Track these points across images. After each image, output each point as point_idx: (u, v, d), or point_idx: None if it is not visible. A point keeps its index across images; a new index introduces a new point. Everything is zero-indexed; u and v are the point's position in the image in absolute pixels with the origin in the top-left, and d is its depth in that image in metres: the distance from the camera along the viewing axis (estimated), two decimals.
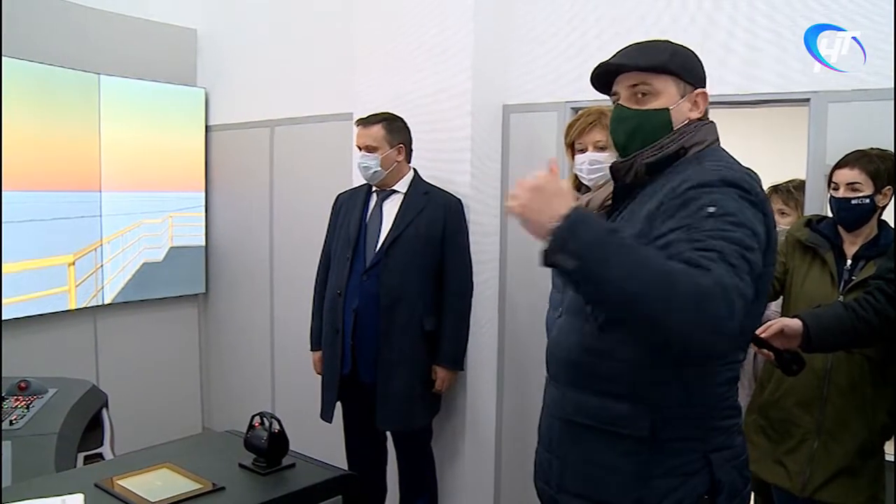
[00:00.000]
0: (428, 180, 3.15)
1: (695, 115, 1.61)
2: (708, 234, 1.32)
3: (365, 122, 3.07)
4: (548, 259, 1.32)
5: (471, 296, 3.15)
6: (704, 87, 1.63)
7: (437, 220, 3.04)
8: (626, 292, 1.24)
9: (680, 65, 1.60)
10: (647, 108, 1.60)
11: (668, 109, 1.59)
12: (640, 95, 1.61)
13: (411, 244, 3.00)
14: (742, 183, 1.42)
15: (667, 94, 1.59)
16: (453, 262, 3.07)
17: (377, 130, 3.04)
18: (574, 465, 1.61)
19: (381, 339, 2.98)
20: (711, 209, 1.36)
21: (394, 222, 3.03)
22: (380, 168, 3.03)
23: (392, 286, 2.97)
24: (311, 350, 3.29)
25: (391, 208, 3.07)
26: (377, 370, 2.98)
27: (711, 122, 1.64)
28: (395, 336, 2.98)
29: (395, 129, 3.07)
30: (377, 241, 3.03)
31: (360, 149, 3.06)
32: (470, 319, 3.15)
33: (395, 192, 3.09)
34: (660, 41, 1.65)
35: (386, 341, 2.98)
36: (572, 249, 1.29)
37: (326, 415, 3.13)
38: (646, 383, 1.50)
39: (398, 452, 3.26)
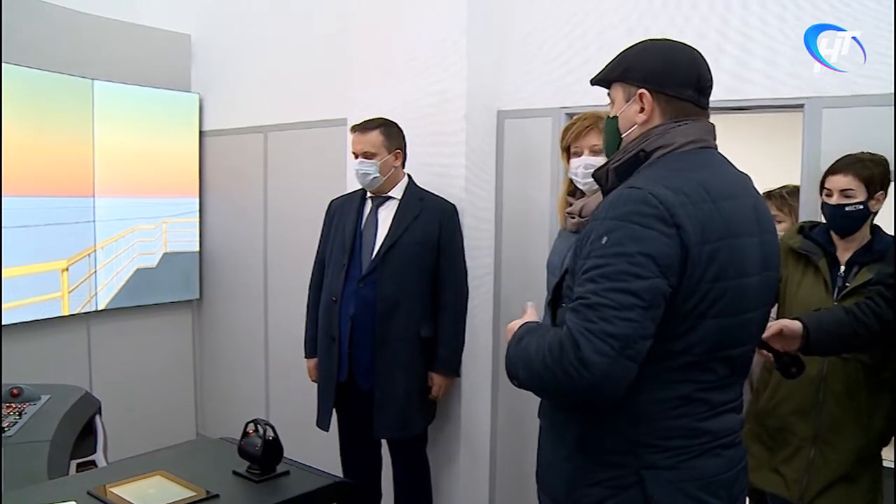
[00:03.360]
0: (422, 186, 3.14)
1: (642, 117, 1.55)
2: (589, 274, 1.40)
3: (362, 128, 3.05)
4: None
5: (466, 302, 3.15)
6: (659, 84, 1.54)
7: (433, 226, 3.03)
8: (532, 386, 1.47)
9: (624, 68, 1.59)
10: (609, 116, 1.66)
11: (616, 117, 1.62)
12: (611, 105, 1.66)
13: (407, 251, 2.99)
14: (647, 199, 1.39)
15: (617, 101, 1.62)
16: (449, 268, 3.07)
17: (375, 136, 3.02)
18: (541, 463, 1.70)
19: (377, 346, 2.96)
20: (604, 240, 1.41)
21: (389, 229, 3.01)
22: (379, 174, 3.01)
23: (388, 293, 2.96)
24: (306, 357, 3.27)
25: (386, 215, 3.06)
26: (374, 377, 2.97)
27: (693, 122, 1.55)
28: (392, 343, 2.97)
29: (392, 135, 3.06)
30: (373, 248, 3.01)
31: (356, 155, 3.03)
32: (466, 325, 3.14)
33: (390, 198, 3.08)
34: (631, 46, 1.64)
35: (383, 348, 2.96)
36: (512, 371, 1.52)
37: (323, 422, 3.11)
38: None
39: (393, 459, 3.24)
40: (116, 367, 4.38)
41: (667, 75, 1.55)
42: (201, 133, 4.70)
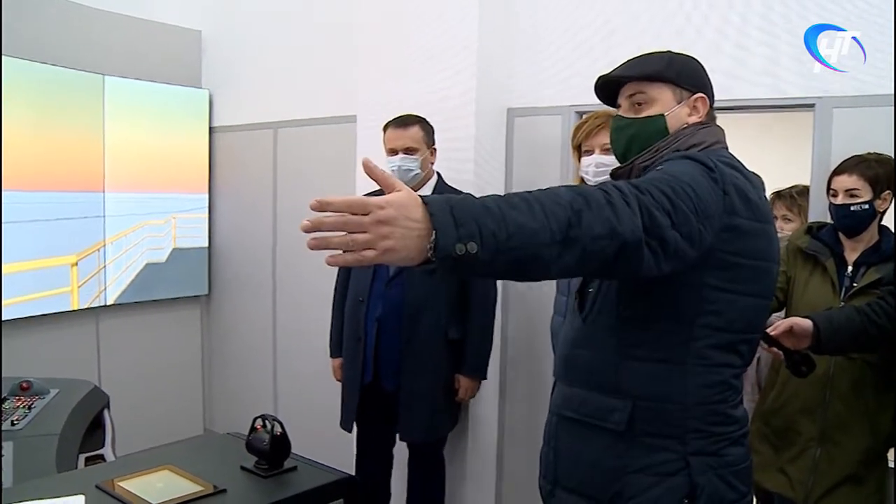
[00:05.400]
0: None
1: (694, 119, 1.63)
2: (639, 180, 1.36)
3: (401, 124, 2.96)
4: (444, 261, 1.10)
5: (495, 304, 3.09)
6: (706, 92, 1.64)
7: None
8: (532, 237, 1.15)
9: (676, 72, 1.63)
10: (642, 115, 1.64)
11: (662, 115, 1.62)
12: (637, 105, 1.65)
13: None
14: (704, 160, 1.45)
15: (662, 101, 1.63)
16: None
17: (416, 131, 2.95)
18: (565, 459, 1.65)
19: (404, 347, 2.92)
20: (660, 168, 1.45)
21: None
22: (420, 171, 2.94)
23: (417, 294, 2.90)
24: (332, 356, 3.23)
25: None
26: (401, 379, 2.92)
27: (714, 125, 1.65)
28: (419, 345, 2.91)
29: (429, 131, 2.99)
30: None
31: (394, 151, 2.94)
32: (494, 328, 3.10)
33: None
34: (659, 52, 1.68)
35: (409, 350, 2.92)
36: (465, 231, 1.10)
37: (347, 424, 3.07)
38: (620, 375, 1.54)
39: (412, 460, 3.19)
40: (125, 361, 4.40)
41: (708, 84, 1.67)
42: (211, 129, 4.72)
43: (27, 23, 3.82)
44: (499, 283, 3.35)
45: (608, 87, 1.71)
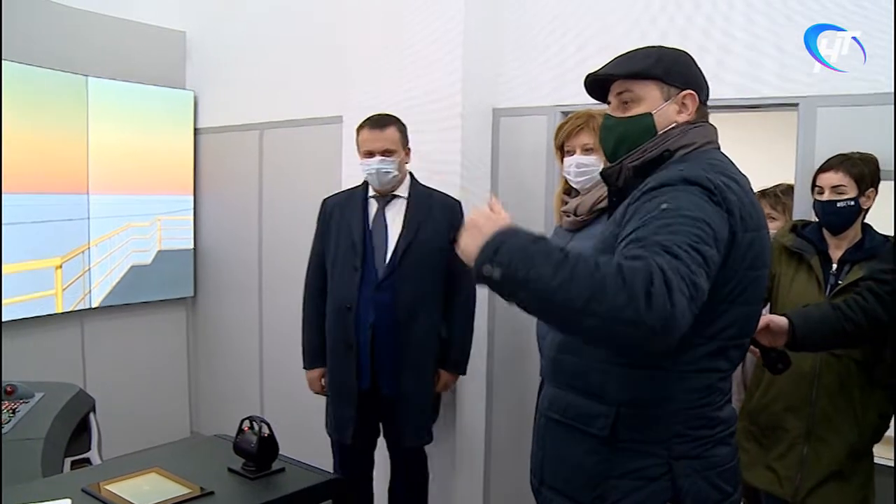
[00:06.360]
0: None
1: (683, 117, 1.60)
2: (656, 228, 1.34)
3: (379, 125, 2.90)
4: (477, 273, 1.38)
5: (475, 300, 3.08)
6: (696, 89, 1.61)
7: (443, 223, 2.90)
8: (549, 288, 1.25)
9: (664, 69, 1.60)
10: (629, 114, 1.62)
11: (650, 114, 1.60)
12: (624, 103, 1.63)
13: (423, 250, 2.86)
14: (703, 182, 1.42)
15: (649, 99, 1.60)
16: (461, 265, 2.98)
17: (393, 133, 2.89)
18: (551, 460, 1.65)
19: (401, 351, 2.86)
20: (665, 206, 1.39)
21: (402, 229, 2.88)
22: (397, 172, 2.89)
23: (408, 297, 2.86)
24: (306, 368, 3.08)
25: (395, 214, 2.92)
26: (400, 384, 2.87)
27: (706, 124, 1.63)
28: (416, 347, 2.88)
29: (404, 131, 2.95)
30: (386, 250, 2.88)
31: (371, 154, 2.87)
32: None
33: (396, 196, 2.94)
34: (648, 47, 1.66)
35: (407, 354, 2.86)
36: (498, 259, 1.32)
37: (344, 434, 2.96)
38: (606, 381, 1.53)
39: (399, 461, 3.14)
40: (110, 364, 4.38)
41: (699, 81, 1.64)
42: (196, 130, 4.70)
43: (9, 24, 3.77)
44: None
45: (599, 84, 1.70)
